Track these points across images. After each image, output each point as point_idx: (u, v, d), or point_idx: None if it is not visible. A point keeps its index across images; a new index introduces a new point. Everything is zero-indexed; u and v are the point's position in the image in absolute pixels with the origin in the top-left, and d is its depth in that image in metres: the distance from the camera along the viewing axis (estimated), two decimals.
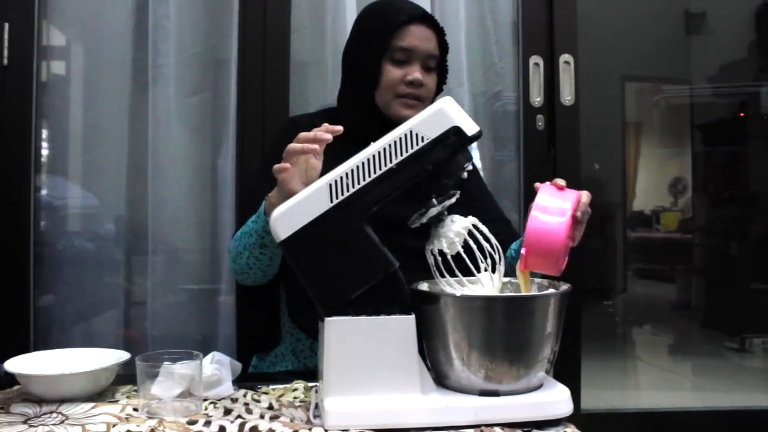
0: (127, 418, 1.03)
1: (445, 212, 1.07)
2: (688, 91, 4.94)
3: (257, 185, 1.43)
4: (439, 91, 1.47)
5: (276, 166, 1.13)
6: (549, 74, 2.10)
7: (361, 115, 1.42)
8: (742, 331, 3.75)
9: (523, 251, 1.05)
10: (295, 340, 1.48)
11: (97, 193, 2.04)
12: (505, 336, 1.01)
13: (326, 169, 1.04)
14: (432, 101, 1.44)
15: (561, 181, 1.12)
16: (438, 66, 1.43)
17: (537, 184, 1.13)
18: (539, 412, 1.01)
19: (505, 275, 1.13)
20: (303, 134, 1.14)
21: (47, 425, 1.00)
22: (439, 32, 1.41)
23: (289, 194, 1.11)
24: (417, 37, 1.37)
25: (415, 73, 1.37)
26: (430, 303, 1.03)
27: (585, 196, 1.14)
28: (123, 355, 1.19)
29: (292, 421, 1.03)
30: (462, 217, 1.08)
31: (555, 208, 1.06)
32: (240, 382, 1.21)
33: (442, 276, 1.08)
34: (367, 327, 1.00)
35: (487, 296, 1.07)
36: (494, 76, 2.13)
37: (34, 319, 1.96)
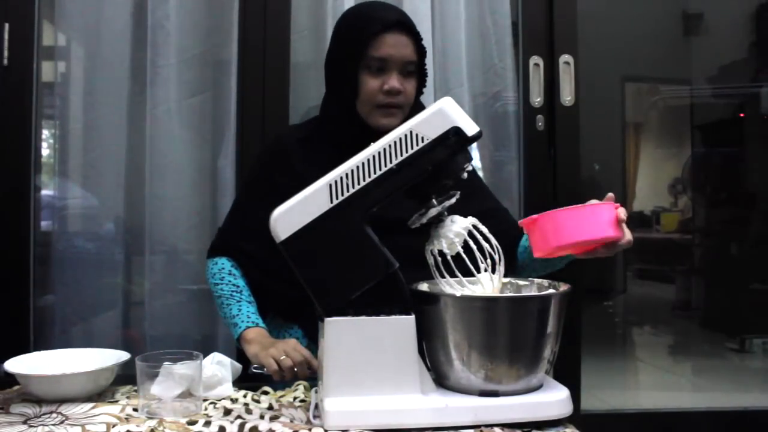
0: (126, 419, 1.03)
1: (445, 212, 1.07)
2: (688, 92, 4.94)
3: (240, 202, 1.56)
4: (419, 94, 1.46)
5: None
6: (549, 75, 2.10)
7: (345, 124, 1.43)
8: (742, 331, 3.74)
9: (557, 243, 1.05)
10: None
11: (97, 193, 2.05)
12: (504, 336, 1.01)
13: (313, 177, 1.04)
14: (413, 105, 1.44)
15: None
16: (418, 70, 1.43)
17: None
18: (539, 413, 1.01)
19: (505, 275, 1.13)
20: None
21: (47, 425, 1.00)
22: (416, 36, 1.40)
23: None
24: (392, 45, 1.36)
25: (392, 81, 1.37)
26: (430, 303, 1.03)
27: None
28: (123, 356, 1.19)
29: (292, 421, 1.03)
30: (462, 218, 1.08)
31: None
32: (240, 382, 1.22)
33: (442, 276, 1.08)
34: (367, 327, 1.00)
35: (487, 296, 1.06)
36: (494, 76, 2.13)
37: (34, 319, 1.96)
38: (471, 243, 1.06)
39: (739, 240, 4.33)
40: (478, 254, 1.06)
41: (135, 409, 1.06)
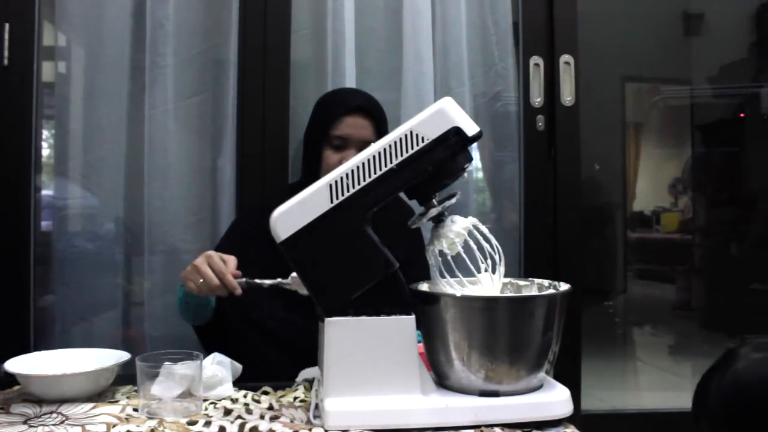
0: (127, 419, 1.03)
1: (446, 213, 1.07)
2: (688, 92, 4.93)
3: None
4: None
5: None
6: (549, 75, 2.10)
7: None
8: (742, 331, 3.74)
9: None
10: None
11: (97, 193, 2.04)
12: (505, 336, 1.01)
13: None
14: None
15: None
16: None
17: None
18: (539, 413, 1.01)
19: (505, 275, 1.13)
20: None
21: (47, 425, 1.00)
22: (377, 120, 1.57)
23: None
24: (351, 126, 1.55)
25: (348, 156, 1.46)
26: (431, 303, 1.03)
27: None
28: (123, 356, 1.19)
29: (292, 421, 1.03)
30: (462, 218, 1.08)
31: None
32: (240, 382, 1.22)
33: (443, 276, 1.08)
34: (367, 327, 1.00)
35: (488, 297, 1.07)
36: (495, 76, 2.13)
37: (34, 319, 1.96)
38: (471, 243, 1.06)
39: (739, 240, 4.33)
40: (478, 254, 1.06)
41: (135, 409, 1.06)
